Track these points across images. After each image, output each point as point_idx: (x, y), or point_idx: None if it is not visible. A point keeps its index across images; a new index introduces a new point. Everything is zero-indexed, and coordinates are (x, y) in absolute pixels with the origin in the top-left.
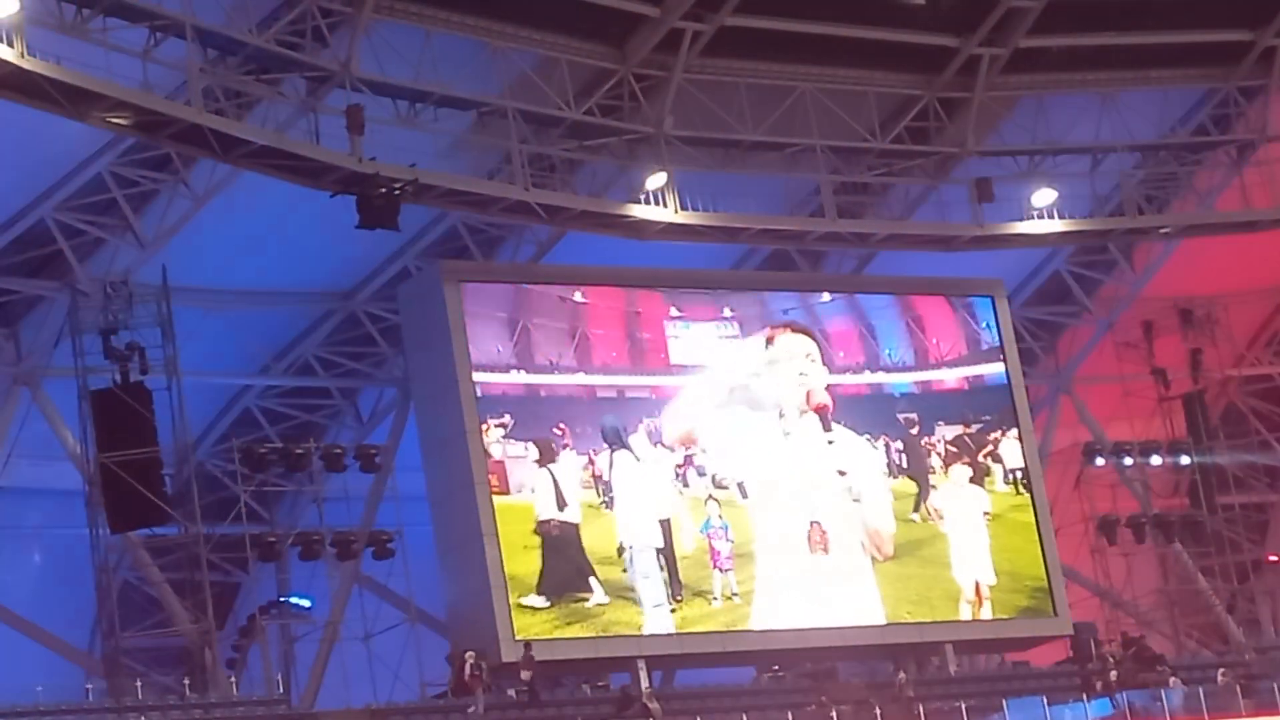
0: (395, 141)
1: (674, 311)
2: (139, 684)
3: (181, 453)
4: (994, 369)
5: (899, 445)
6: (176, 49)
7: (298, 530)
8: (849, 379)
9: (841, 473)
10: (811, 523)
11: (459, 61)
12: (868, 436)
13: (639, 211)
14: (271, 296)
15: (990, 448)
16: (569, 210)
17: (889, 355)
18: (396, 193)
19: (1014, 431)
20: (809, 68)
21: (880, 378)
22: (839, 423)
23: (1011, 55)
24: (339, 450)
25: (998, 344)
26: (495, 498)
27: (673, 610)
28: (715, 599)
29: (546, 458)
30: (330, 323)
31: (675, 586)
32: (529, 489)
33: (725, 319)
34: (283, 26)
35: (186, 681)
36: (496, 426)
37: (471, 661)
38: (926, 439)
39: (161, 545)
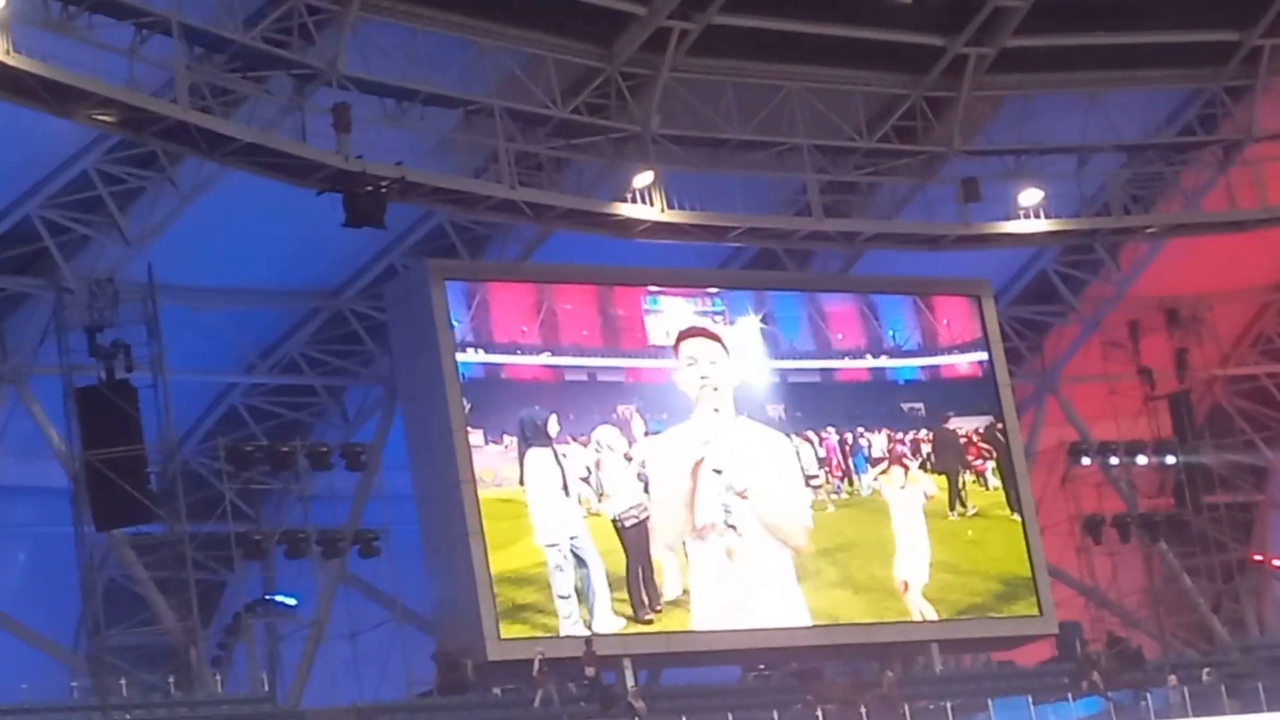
0: (382, 140)
1: (652, 286)
2: (124, 682)
3: (167, 451)
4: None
5: (903, 435)
6: (163, 46)
7: (283, 529)
8: (849, 364)
9: (717, 470)
10: (727, 524)
11: (446, 60)
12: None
13: (625, 210)
14: (257, 295)
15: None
16: (555, 209)
17: (893, 337)
18: (383, 191)
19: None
20: (796, 67)
21: (882, 362)
22: (747, 415)
23: (998, 55)
24: (325, 449)
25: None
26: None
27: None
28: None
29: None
30: (316, 321)
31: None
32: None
33: (709, 294)
34: (269, 24)
35: (171, 680)
36: None
37: (540, 659)
38: (927, 432)
39: (147, 543)
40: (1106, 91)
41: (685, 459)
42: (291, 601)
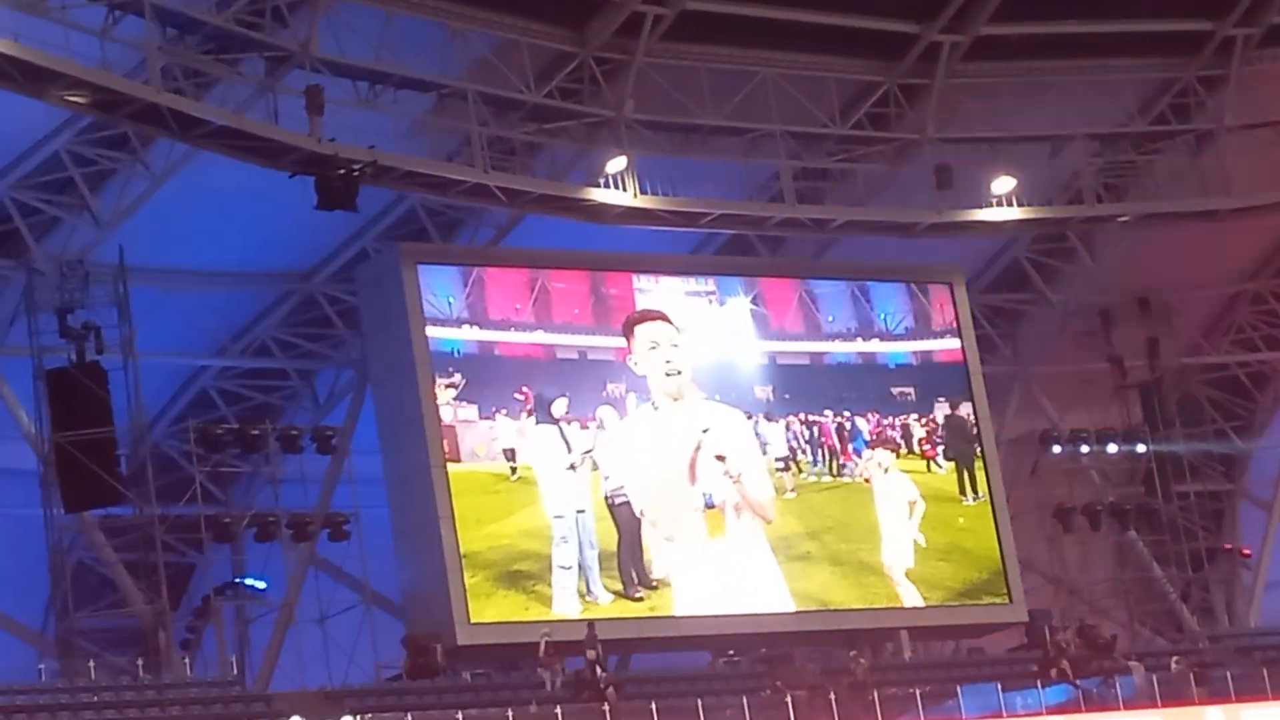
0: (354, 123)
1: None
2: (92, 664)
3: (137, 433)
4: None
5: (893, 420)
6: (135, 27)
7: (253, 512)
8: (839, 346)
9: (720, 457)
10: (708, 507)
11: (419, 43)
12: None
13: (598, 195)
14: (229, 277)
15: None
16: (528, 193)
17: (884, 321)
18: (355, 174)
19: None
20: (770, 53)
21: (873, 346)
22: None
23: (972, 43)
24: (295, 432)
25: None
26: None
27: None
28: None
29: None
30: (288, 304)
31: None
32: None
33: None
34: (242, 6)
35: (140, 662)
36: (446, 387)
37: (546, 641)
38: (926, 417)
39: (116, 526)
40: (1080, 80)
41: (669, 441)
42: (261, 585)
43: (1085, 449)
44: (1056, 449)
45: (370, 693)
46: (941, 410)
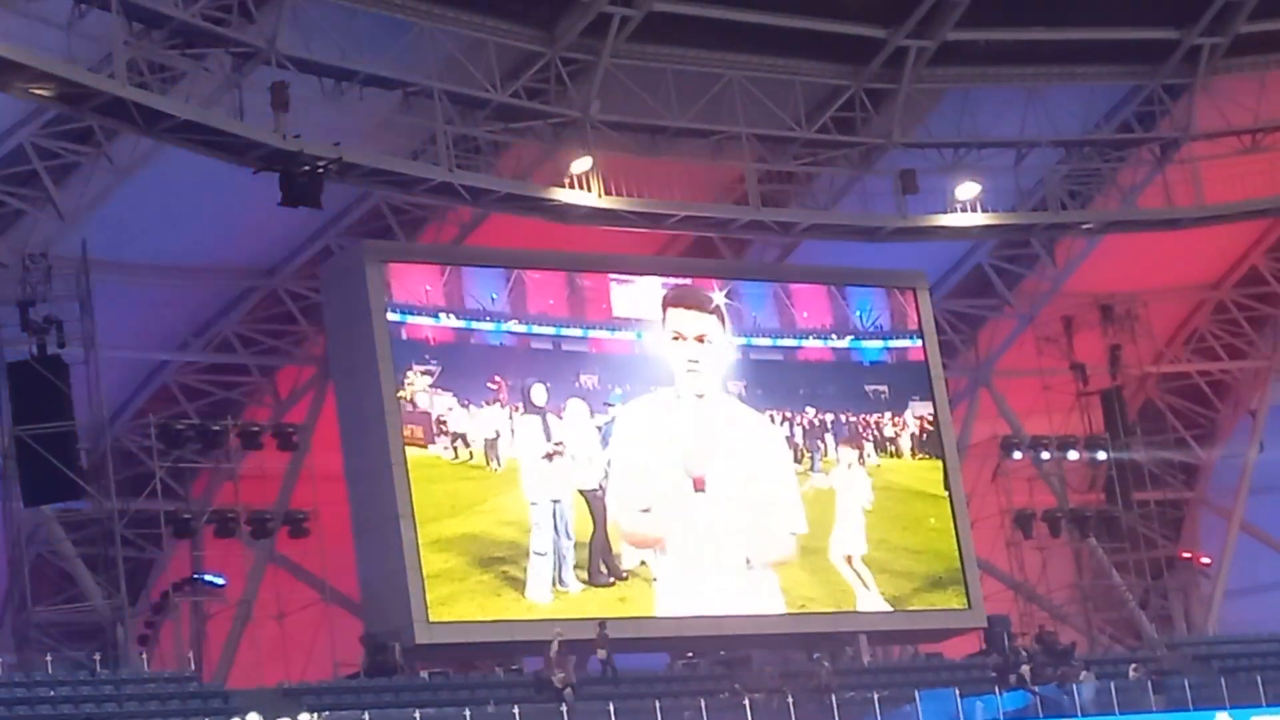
0: (320, 120)
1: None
2: (49, 659)
3: (97, 427)
4: None
5: (859, 418)
6: (101, 21)
7: (213, 508)
8: (812, 343)
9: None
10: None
11: (385, 41)
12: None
13: (563, 196)
14: (192, 272)
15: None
16: (493, 193)
17: (861, 318)
18: (320, 171)
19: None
20: (736, 55)
21: (848, 343)
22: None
23: (939, 48)
24: (256, 428)
25: None
26: (412, 449)
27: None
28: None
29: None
30: (250, 300)
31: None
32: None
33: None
34: (209, 1)
35: (98, 657)
36: (422, 374)
37: (558, 641)
38: (896, 415)
39: (75, 520)
40: (1046, 87)
41: (652, 436)
42: (220, 581)
43: (1046, 455)
44: (1017, 455)
45: (328, 690)
46: (923, 408)
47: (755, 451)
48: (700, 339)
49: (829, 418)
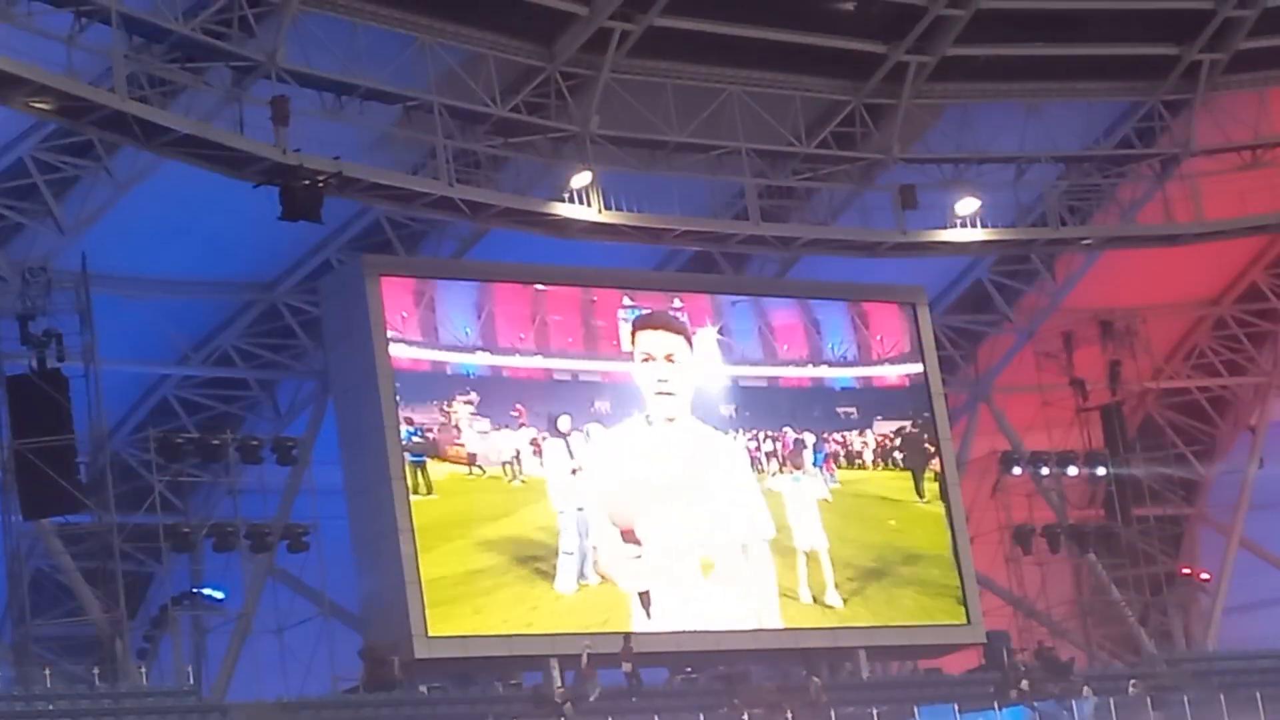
0: (320, 134)
1: (626, 300)
2: (48, 672)
3: (97, 441)
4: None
5: (836, 437)
6: (102, 35)
7: (212, 521)
8: (792, 371)
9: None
10: (695, 525)
11: (386, 55)
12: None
13: (563, 210)
14: (192, 286)
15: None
16: (492, 207)
17: (832, 350)
18: (320, 185)
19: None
20: (736, 70)
21: (822, 372)
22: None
23: (938, 63)
24: (256, 442)
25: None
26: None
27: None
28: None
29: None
30: (250, 314)
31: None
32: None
33: (674, 309)
34: (209, 15)
35: (96, 671)
36: (465, 403)
37: (587, 654)
38: (861, 433)
39: (75, 533)
40: (1045, 102)
41: (626, 461)
42: (219, 595)
43: (1045, 471)
44: (1017, 470)
45: (327, 704)
46: (892, 425)
47: (716, 467)
48: (669, 358)
49: (807, 436)
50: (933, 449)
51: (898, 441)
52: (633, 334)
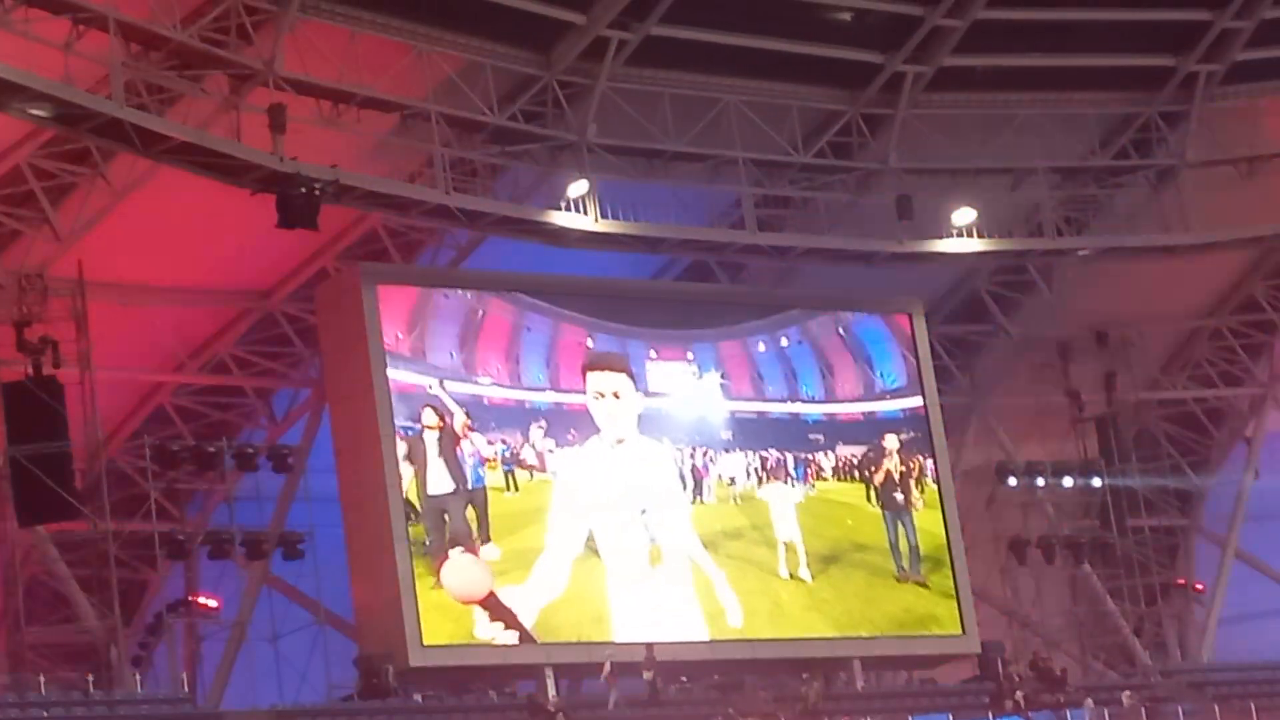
0: (317, 142)
1: (589, 343)
2: (43, 680)
3: (92, 448)
4: (884, 406)
5: (805, 455)
6: (99, 42)
7: (208, 529)
8: (772, 406)
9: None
10: (651, 540)
11: (383, 63)
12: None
13: (559, 219)
14: (188, 294)
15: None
16: (489, 215)
17: (805, 391)
18: (317, 193)
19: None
20: (733, 80)
21: (797, 407)
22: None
23: (935, 73)
24: (251, 450)
25: (892, 386)
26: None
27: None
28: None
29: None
30: (246, 322)
31: None
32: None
33: (688, 359)
34: (207, 23)
35: (91, 678)
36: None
37: (610, 663)
38: (826, 453)
39: (70, 541)
40: (1042, 113)
41: (615, 477)
42: (214, 603)
43: (1041, 482)
44: (1012, 481)
45: (322, 712)
46: (850, 450)
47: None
48: (616, 395)
49: (788, 455)
50: (878, 468)
51: (855, 461)
52: (583, 374)
